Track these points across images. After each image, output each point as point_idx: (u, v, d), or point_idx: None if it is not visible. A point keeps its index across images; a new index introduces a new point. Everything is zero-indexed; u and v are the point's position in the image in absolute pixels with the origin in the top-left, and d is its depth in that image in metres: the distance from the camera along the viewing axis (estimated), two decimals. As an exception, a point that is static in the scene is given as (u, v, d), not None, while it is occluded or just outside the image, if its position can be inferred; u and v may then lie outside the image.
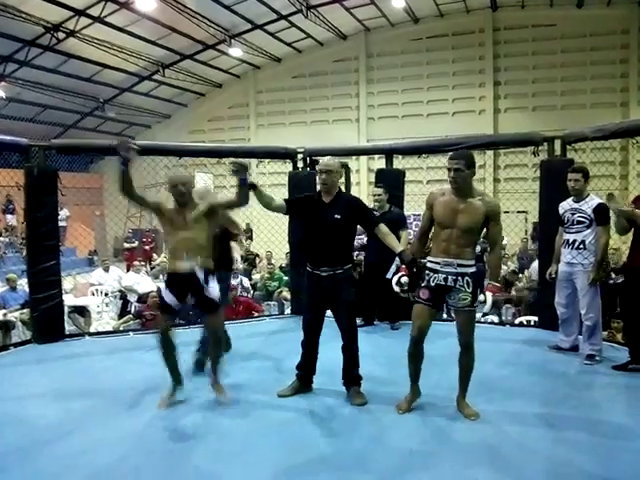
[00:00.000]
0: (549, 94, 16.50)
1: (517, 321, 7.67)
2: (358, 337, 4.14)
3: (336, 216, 3.93)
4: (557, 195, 5.23)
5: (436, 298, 3.67)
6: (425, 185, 14.75)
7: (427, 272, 3.64)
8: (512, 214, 12.08)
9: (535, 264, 8.51)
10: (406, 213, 6.76)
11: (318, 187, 4.11)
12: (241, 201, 3.84)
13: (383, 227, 4.05)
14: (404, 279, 3.89)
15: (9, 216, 16.68)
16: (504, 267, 11.03)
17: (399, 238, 5.69)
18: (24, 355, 5.40)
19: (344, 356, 4.11)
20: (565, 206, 5.05)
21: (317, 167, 4.28)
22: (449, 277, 3.58)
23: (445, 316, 6.65)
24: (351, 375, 4.10)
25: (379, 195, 6.09)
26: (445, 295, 3.65)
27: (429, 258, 3.69)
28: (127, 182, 3.75)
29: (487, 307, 3.52)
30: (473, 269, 3.60)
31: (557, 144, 5.94)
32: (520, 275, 10.40)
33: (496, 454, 3.16)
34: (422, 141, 7.18)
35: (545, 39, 16.46)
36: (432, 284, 3.62)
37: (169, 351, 3.89)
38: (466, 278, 3.57)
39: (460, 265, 3.57)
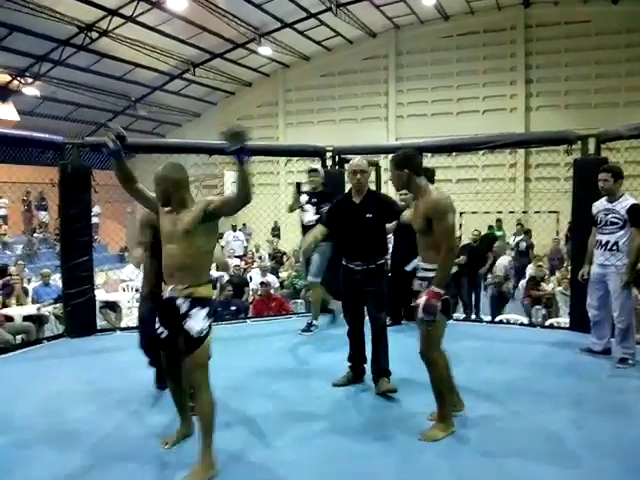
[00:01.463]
0: (582, 92, 16.19)
1: (547, 323, 7.56)
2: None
3: (367, 215, 4.08)
4: (590, 195, 5.12)
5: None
6: (455, 184, 14.66)
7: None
8: (543, 214, 11.93)
9: (503, 259, 8.49)
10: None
11: (349, 186, 4.18)
12: (242, 194, 2.82)
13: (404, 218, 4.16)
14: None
15: (42, 213, 17.06)
16: (531, 267, 10.88)
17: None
18: (57, 349, 5.51)
19: (373, 347, 4.15)
20: (599, 206, 4.95)
21: (349, 167, 4.36)
22: (416, 281, 3.47)
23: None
24: (379, 367, 4.13)
25: (405, 194, 6.04)
26: None
27: None
28: (124, 173, 3.18)
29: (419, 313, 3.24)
30: (424, 273, 3.37)
31: (591, 143, 5.82)
32: (551, 277, 10.24)
33: (525, 457, 3.12)
34: (452, 139, 7.12)
35: (579, 36, 16.16)
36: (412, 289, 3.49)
37: (173, 387, 3.28)
38: (426, 283, 3.33)
39: (424, 269, 3.40)
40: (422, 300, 3.21)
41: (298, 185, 6.06)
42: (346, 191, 4.48)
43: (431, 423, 3.47)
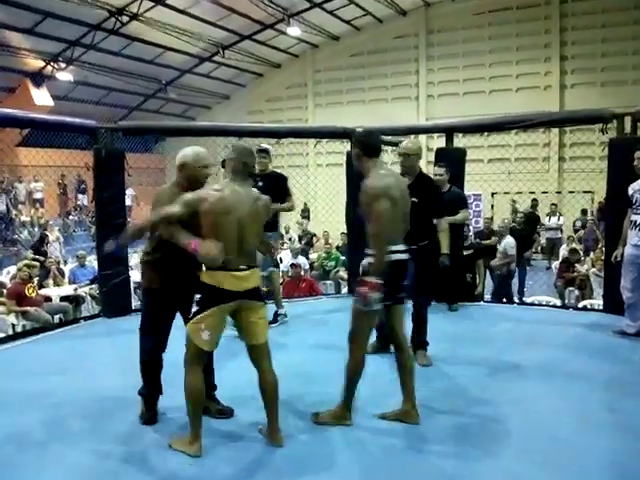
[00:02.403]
0: (619, 68, 15.70)
1: (580, 305, 7.48)
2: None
3: (413, 199, 3.85)
4: (626, 175, 5.02)
5: None
6: (486, 164, 14.45)
7: None
8: (578, 194, 11.72)
9: (508, 239, 8.28)
10: (466, 193, 6.65)
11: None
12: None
13: (444, 223, 4.36)
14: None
15: (81, 196, 17.39)
16: (564, 247, 10.71)
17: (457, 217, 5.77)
18: (93, 328, 5.67)
19: (413, 321, 4.31)
20: (635, 187, 4.85)
21: (397, 150, 4.38)
22: (361, 267, 3.28)
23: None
24: (418, 339, 4.33)
25: (440, 175, 5.93)
26: None
27: None
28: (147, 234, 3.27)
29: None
30: (367, 259, 3.17)
31: (627, 121, 5.68)
32: (585, 258, 10.08)
33: (555, 438, 3.12)
34: (485, 119, 7.01)
35: (616, 10, 15.64)
36: None
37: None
38: (362, 267, 3.24)
39: (366, 254, 3.21)
40: (361, 290, 3.05)
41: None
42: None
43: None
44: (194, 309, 3.02)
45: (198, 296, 3.04)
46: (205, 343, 2.96)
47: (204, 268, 3.01)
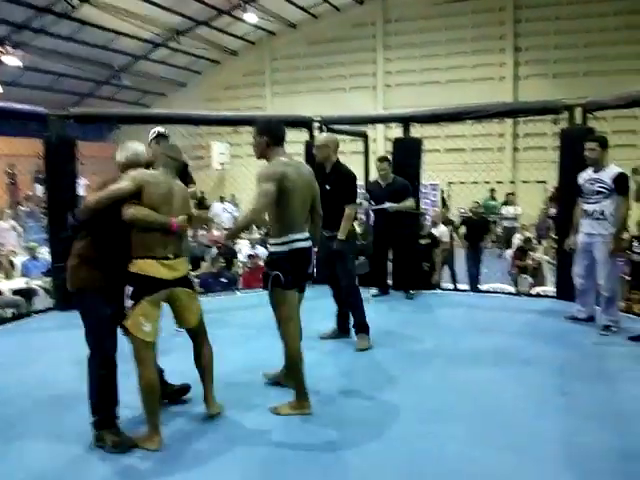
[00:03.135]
0: (571, 60, 16.07)
1: (534, 292, 7.67)
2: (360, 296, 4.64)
3: (326, 186, 4.31)
4: (577, 165, 5.16)
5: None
6: (443, 153, 14.60)
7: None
8: (531, 184, 11.99)
9: (442, 227, 8.52)
10: (423, 182, 6.73)
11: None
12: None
13: (348, 209, 4.45)
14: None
15: (38, 186, 16.66)
16: (518, 236, 10.96)
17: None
18: (46, 322, 5.53)
19: (342, 306, 4.82)
20: (584, 176, 4.99)
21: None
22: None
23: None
24: (355, 323, 4.67)
25: (383, 170, 6.14)
26: None
27: None
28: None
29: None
30: (273, 248, 3.34)
31: (578, 112, 5.83)
32: (537, 246, 10.34)
33: (510, 422, 3.20)
34: (441, 109, 7.07)
35: (568, 3, 15.98)
36: None
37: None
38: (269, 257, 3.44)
39: (269, 244, 3.43)
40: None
41: None
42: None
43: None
44: (128, 303, 3.00)
45: (130, 289, 3.01)
46: (148, 334, 3.00)
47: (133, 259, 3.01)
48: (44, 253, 8.73)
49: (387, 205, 5.97)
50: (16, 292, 7.86)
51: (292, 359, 3.35)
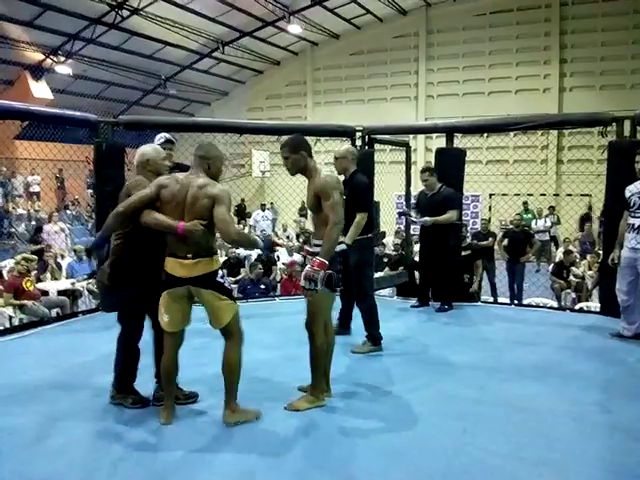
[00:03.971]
0: (618, 72, 15.75)
1: (577, 307, 7.51)
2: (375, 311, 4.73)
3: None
4: (625, 178, 5.05)
5: None
6: (485, 165, 14.46)
7: None
8: (576, 197, 11.74)
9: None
10: (465, 194, 6.67)
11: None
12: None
13: (358, 217, 4.58)
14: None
15: (90, 191, 17.15)
16: (560, 251, 10.73)
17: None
18: (92, 322, 5.67)
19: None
20: (632, 189, 4.88)
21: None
22: (308, 257, 3.61)
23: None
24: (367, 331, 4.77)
25: (425, 180, 6.15)
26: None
27: None
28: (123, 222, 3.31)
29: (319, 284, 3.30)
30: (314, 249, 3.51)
31: (626, 125, 5.71)
32: (581, 261, 10.11)
33: (549, 437, 3.14)
34: (485, 120, 7.05)
35: (616, 14, 15.69)
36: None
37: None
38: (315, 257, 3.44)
39: (315, 245, 3.54)
40: (307, 267, 3.35)
41: None
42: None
43: (300, 394, 3.62)
44: None
45: None
46: (166, 324, 3.24)
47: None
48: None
49: (423, 220, 5.99)
50: (61, 293, 8.10)
51: (320, 351, 3.49)
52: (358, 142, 6.86)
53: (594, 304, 6.97)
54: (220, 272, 3.34)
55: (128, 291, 3.42)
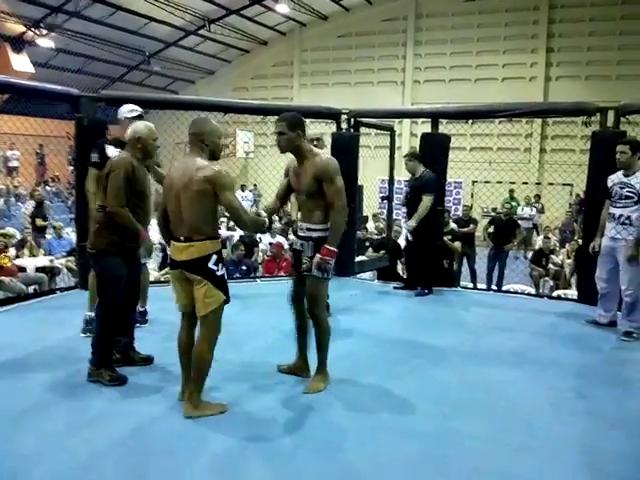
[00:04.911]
0: (604, 63, 15.84)
1: (555, 294, 7.61)
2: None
3: None
4: (607, 168, 5.09)
5: (297, 263, 3.55)
6: (469, 152, 14.50)
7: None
8: (557, 186, 11.86)
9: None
10: (448, 180, 6.69)
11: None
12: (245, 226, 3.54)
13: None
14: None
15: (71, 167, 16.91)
16: (540, 239, 10.87)
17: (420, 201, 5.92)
18: (69, 299, 5.60)
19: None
20: (614, 179, 4.92)
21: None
22: (299, 241, 3.51)
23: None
24: None
25: (406, 164, 6.17)
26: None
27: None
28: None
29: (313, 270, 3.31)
30: (319, 234, 3.39)
31: (610, 115, 5.74)
32: (561, 249, 10.25)
33: (527, 423, 3.19)
34: (471, 106, 7.04)
35: (604, 4, 15.74)
36: (293, 248, 3.61)
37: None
38: (310, 242, 3.41)
39: (308, 229, 3.44)
40: (317, 257, 3.30)
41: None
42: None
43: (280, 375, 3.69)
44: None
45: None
46: (176, 304, 3.26)
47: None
48: (69, 232, 8.87)
49: (408, 226, 5.95)
50: (39, 269, 8.01)
51: (327, 333, 3.50)
52: (344, 125, 6.83)
53: (572, 292, 7.06)
54: (214, 257, 3.08)
55: (112, 258, 3.50)
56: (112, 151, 4.33)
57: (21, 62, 15.64)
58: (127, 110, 4.37)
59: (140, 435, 2.94)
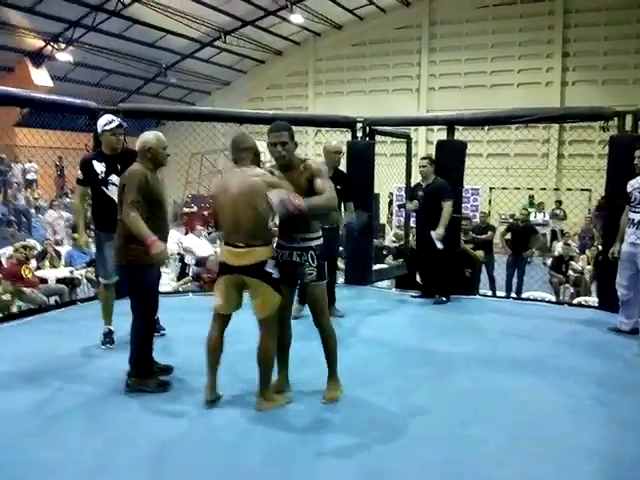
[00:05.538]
0: (621, 67, 15.67)
1: (575, 301, 7.52)
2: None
3: (337, 186, 4.32)
4: (625, 172, 5.04)
5: (288, 276, 3.41)
6: (486, 158, 14.43)
7: (276, 250, 3.42)
8: (576, 191, 11.73)
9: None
10: (465, 187, 6.65)
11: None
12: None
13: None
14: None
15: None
16: (559, 245, 10.73)
17: (441, 209, 5.84)
18: (89, 310, 5.61)
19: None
20: (634, 184, 4.87)
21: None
22: (294, 252, 3.37)
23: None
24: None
25: (423, 167, 6.07)
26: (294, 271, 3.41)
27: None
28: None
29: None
30: (317, 242, 3.39)
31: (628, 119, 5.69)
32: (581, 255, 10.13)
33: (546, 430, 3.15)
34: (488, 112, 6.99)
35: (619, 8, 15.60)
36: (280, 260, 3.41)
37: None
38: (310, 252, 3.36)
39: (303, 239, 3.36)
40: (288, 195, 3.11)
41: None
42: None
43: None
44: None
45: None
46: (217, 306, 3.35)
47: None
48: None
49: (435, 236, 5.80)
50: (60, 280, 8.09)
51: (334, 343, 3.50)
52: (359, 133, 6.84)
53: (592, 299, 6.97)
54: (271, 261, 3.27)
55: (144, 268, 3.53)
56: (98, 165, 4.41)
57: (41, 76, 15.92)
58: (105, 122, 4.37)
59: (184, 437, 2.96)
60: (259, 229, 3.22)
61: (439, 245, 5.78)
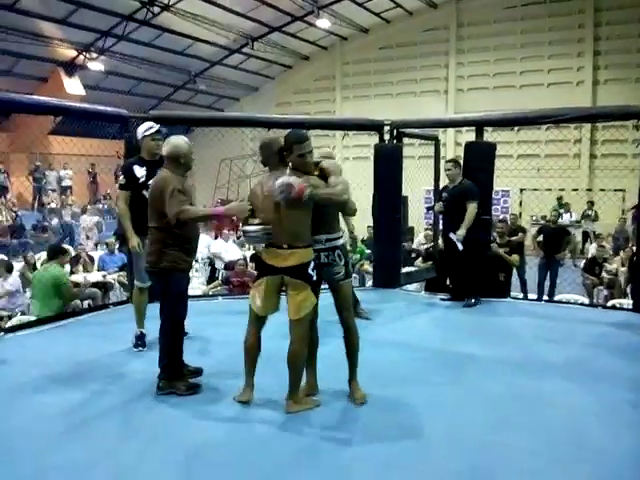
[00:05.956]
0: (655, 64, 15.35)
1: (609, 304, 7.37)
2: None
3: None
4: (660, 172, 4.93)
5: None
6: (516, 159, 14.26)
7: None
8: (609, 192, 11.50)
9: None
10: (495, 188, 6.58)
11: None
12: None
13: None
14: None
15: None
16: (593, 247, 10.52)
17: (465, 210, 5.83)
18: (122, 314, 5.73)
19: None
20: (669, 184, 4.76)
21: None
22: (321, 254, 3.41)
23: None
24: None
25: (448, 170, 6.06)
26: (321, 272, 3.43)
27: None
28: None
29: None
30: (341, 241, 3.48)
31: (662, 118, 5.57)
32: (615, 257, 9.91)
33: (581, 436, 3.10)
34: (517, 113, 6.90)
35: (653, 4, 15.28)
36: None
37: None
38: (337, 250, 3.43)
39: (328, 240, 3.43)
40: (291, 179, 3.16)
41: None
42: None
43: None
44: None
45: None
46: (258, 309, 3.38)
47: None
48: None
49: (457, 237, 5.81)
50: (93, 285, 8.25)
51: (358, 343, 3.52)
52: (386, 136, 6.83)
53: (627, 301, 6.83)
54: (312, 264, 3.31)
55: (177, 274, 3.62)
56: (138, 170, 4.50)
57: (73, 85, 16.28)
58: (145, 128, 4.50)
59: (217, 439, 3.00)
60: (302, 231, 3.29)
61: (460, 246, 5.76)
